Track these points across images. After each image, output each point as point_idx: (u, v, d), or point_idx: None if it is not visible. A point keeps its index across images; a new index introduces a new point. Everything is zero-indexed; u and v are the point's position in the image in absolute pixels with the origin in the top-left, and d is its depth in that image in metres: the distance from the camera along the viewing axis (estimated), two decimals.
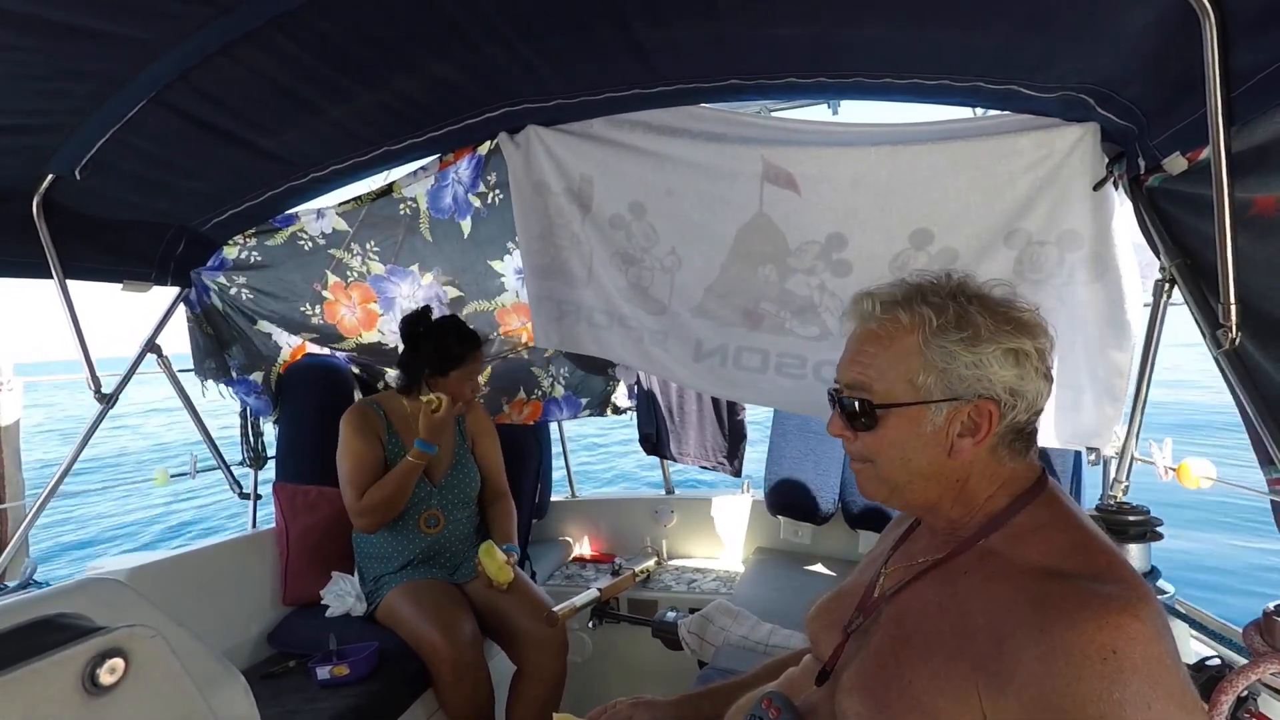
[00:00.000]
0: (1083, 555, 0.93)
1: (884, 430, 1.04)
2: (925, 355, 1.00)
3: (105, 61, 1.49)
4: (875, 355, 1.05)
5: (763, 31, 1.67)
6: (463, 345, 2.62)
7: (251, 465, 3.14)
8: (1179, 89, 1.42)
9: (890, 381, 1.03)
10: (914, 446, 1.02)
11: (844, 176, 2.10)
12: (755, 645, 2.34)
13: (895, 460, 1.04)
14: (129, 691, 0.85)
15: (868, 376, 1.05)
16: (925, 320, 1.01)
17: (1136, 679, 0.78)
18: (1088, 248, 1.97)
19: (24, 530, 2.40)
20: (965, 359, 0.98)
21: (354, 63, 1.73)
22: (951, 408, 1.00)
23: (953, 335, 0.99)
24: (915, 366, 1.01)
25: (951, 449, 1.01)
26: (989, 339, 0.99)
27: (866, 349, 1.06)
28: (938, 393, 1.00)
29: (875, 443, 1.05)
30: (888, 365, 1.03)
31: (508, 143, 2.34)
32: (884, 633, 1.05)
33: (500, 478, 2.89)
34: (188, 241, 2.54)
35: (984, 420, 1.00)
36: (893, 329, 1.04)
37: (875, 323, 1.06)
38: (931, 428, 1.01)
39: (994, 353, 0.98)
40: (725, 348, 2.43)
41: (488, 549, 2.52)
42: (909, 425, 1.02)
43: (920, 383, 1.00)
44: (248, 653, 2.53)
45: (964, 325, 0.99)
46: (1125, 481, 1.88)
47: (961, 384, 0.99)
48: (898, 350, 1.03)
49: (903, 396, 1.02)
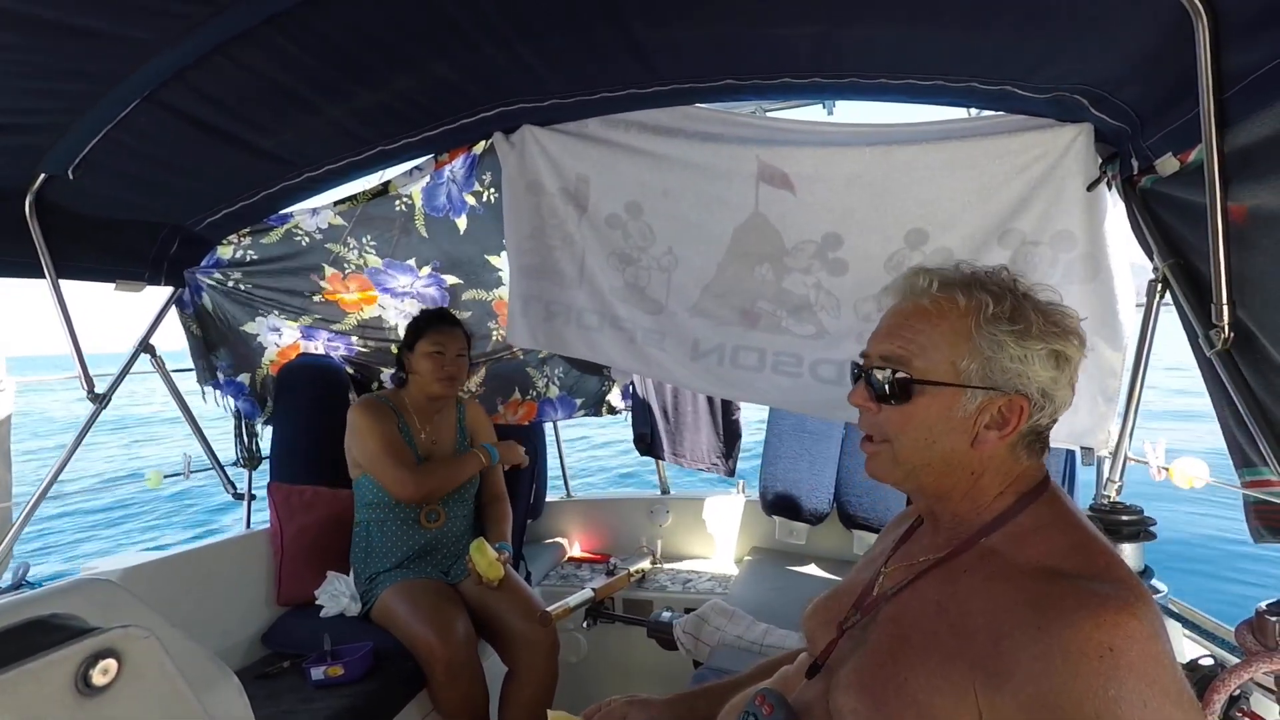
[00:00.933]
0: (1082, 555, 0.93)
1: (913, 407, 1.02)
2: (975, 340, 0.99)
3: (99, 60, 1.48)
4: (921, 331, 1.03)
5: (759, 32, 1.67)
6: (427, 320, 2.72)
7: (246, 465, 3.13)
8: (1172, 90, 1.42)
9: (933, 359, 1.01)
10: (941, 429, 1.01)
11: (839, 176, 2.11)
12: (750, 645, 2.34)
13: (918, 441, 1.02)
14: (122, 692, 0.85)
15: (909, 351, 1.02)
16: (982, 305, 1.00)
17: (1133, 677, 0.79)
18: (1081, 248, 1.98)
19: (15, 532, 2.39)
20: (1012, 351, 0.98)
21: (349, 62, 1.72)
22: (986, 397, 0.99)
23: (1005, 326, 0.98)
24: (962, 350, 0.99)
25: (976, 439, 1.01)
26: (1038, 336, 0.98)
27: (913, 323, 1.04)
28: (977, 380, 0.99)
29: (901, 419, 1.03)
30: (932, 343, 1.01)
31: (502, 142, 2.34)
32: (882, 631, 1.05)
33: (497, 477, 2.92)
34: (182, 241, 2.53)
35: (1014, 416, 1.00)
36: (947, 308, 1.02)
37: (928, 299, 1.04)
38: (962, 414, 1.00)
39: (1040, 351, 0.98)
40: (722, 347, 2.44)
41: (479, 546, 2.53)
42: (941, 407, 1.01)
43: (963, 367, 0.99)
44: (242, 653, 2.52)
45: (1017, 319, 0.99)
46: (1119, 481, 1.88)
47: (1003, 375, 0.98)
48: (946, 329, 1.01)
49: (942, 376, 1.00)
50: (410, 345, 2.71)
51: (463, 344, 2.73)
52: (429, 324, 2.71)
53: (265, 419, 3.16)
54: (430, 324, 2.71)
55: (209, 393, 3.00)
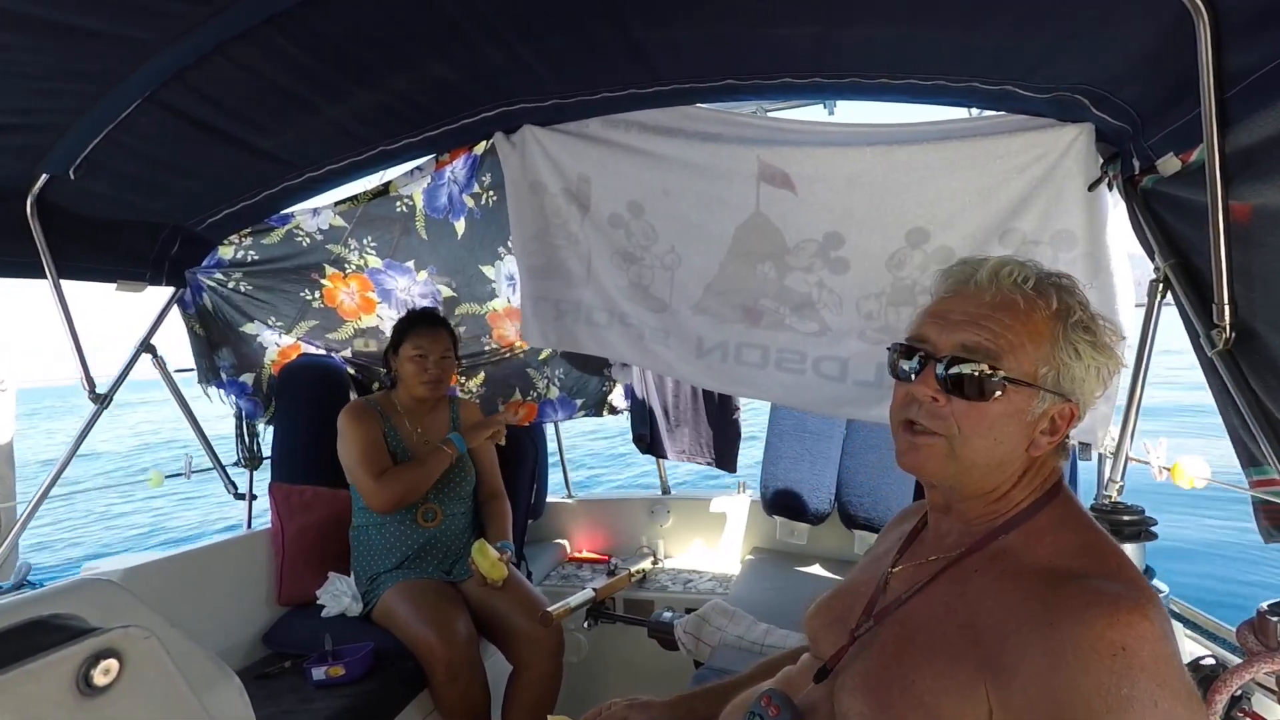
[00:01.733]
0: (1093, 556, 0.93)
1: (992, 405, 0.96)
2: (1060, 344, 0.96)
3: (100, 60, 1.48)
4: (1010, 327, 0.97)
5: (759, 32, 1.67)
6: (410, 321, 2.70)
7: (247, 465, 3.13)
8: (1173, 90, 1.42)
9: (1021, 359, 0.96)
10: (1010, 430, 0.97)
11: (840, 176, 2.11)
12: (751, 645, 2.34)
13: (985, 439, 0.98)
14: (123, 692, 0.85)
15: (999, 346, 0.96)
16: (1070, 310, 0.98)
17: (1145, 677, 0.79)
18: (1081, 248, 1.98)
19: (17, 531, 2.39)
20: (1086, 362, 0.97)
21: (350, 62, 1.73)
22: (1054, 403, 0.98)
23: (1085, 335, 0.98)
24: (1046, 352, 0.96)
25: (1032, 444, 0.99)
26: (1102, 349, 0.99)
27: (1000, 316, 0.98)
28: (1051, 384, 0.97)
29: (975, 416, 0.97)
30: (1021, 340, 0.96)
31: (503, 143, 2.34)
32: (888, 633, 1.04)
33: (494, 475, 2.90)
34: (183, 241, 2.53)
35: (1064, 422, 0.99)
36: (1039, 306, 0.98)
37: (1019, 293, 0.98)
38: (1030, 417, 0.97)
39: (1103, 364, 0.99)
40: (726, 344, 2.44)
41: (480, 547, 2.52)
42: (1017, 408, 0.97)
43: (1043, 370, 0.96)
44: (243, 653, 2.52)
45: (1092, 330, 0.98)
46: (1120, 481, 1.88)
47: (1072, 383, 0.98)
48: (1034, 329, 0.97)
49: (1025, 377, 0.96)
50: (395, 348, 2.70)
51: (446, 345, 2.70)
52: (411, 325, 2.68)
53: (268, 419, 3.16)
54: (413, 325, 2.68)
55: (212, 392, 3.00)
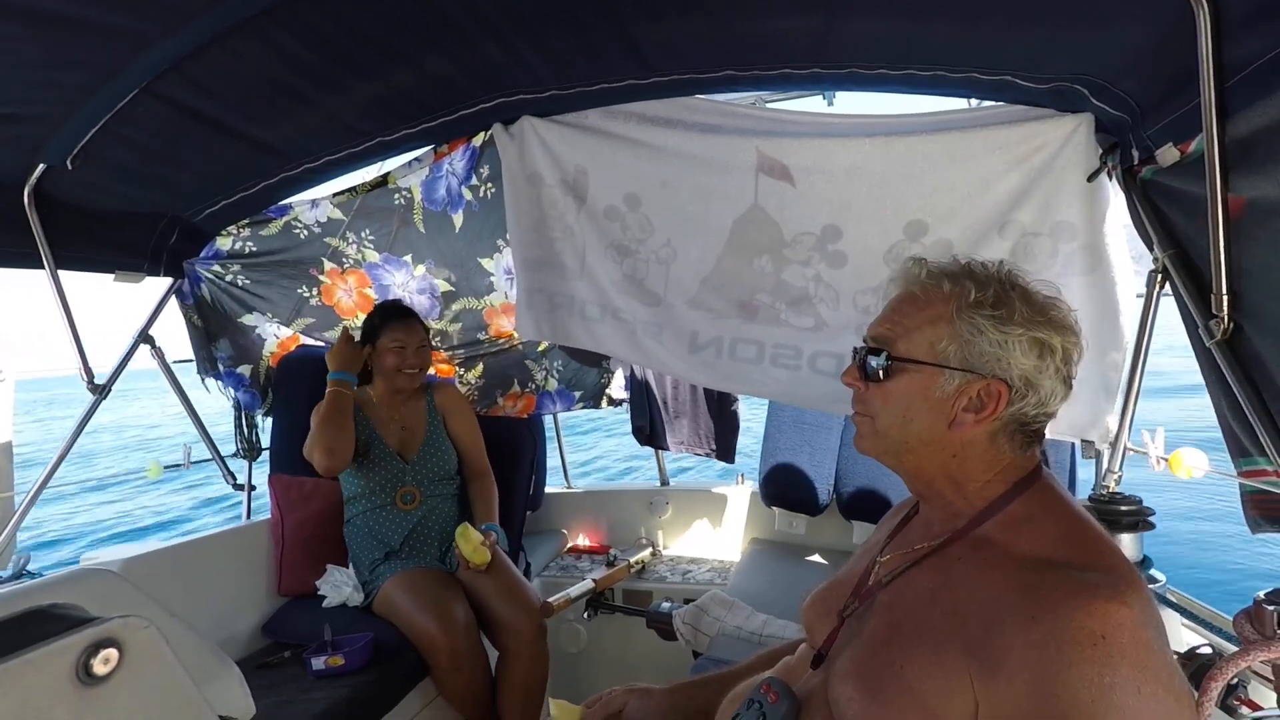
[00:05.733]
0: (1072, 545, 0.94)
1: (893, 385, 1.07)
2: (955, 324, 1.02)
3: (97, 51, 1.48)
4: (907, 315, 1.08)
5: (758, 23, 1.67)
6: (383, 315, 2.72)
7: (246, 456, 3.14)
8: (1173, 80, 1.42)
9: (913, 341, 1.05)
10: (918, 408, 1.05)
11: (839, 168, 2.11)
12: (749, 636, 2.35)
13: (896, 417, 1.07)
14: (123, 682, 0.85)
15: (894, 333, 1.08)
16: (965, 292, 1.03)
17: (1126, 664, 0.80)
18: (1081, 239, 1.97)
19: (15, 521, 2.40)
20: (991, 336, 1.00)
21: (348, 53, 1.72)
22: (964, 380, 1.02)
23: (986, 312, 1.01)
24: (941, 333, 1.03)
25: (953, 421, 1.03)
26: (1020, 324, 1.00)
27: (902, 308, 1.10)
28: (955, 362, 1.02)
29: (882, 396, 1.08)
30: (915, 326, 1.06)
31: (502, 134, 2.33)
32: (877, 620, 1.06)
33: (477, 454, 2.90)
34: (181, 232, 2.53)
35: (991, 401, 1.01)
36: (932, 295, 1.06)
37: (918, 286, 1.09)
38: (940, 394, 1.03)
39: (1020, 337, 1.00)
40: (720, 339, 2.43)
41: (463, 531, 2.52)
42: (919, 386, 1.05)
43: (941, 349, 1.03)
44: (243, 643, 2.53)
45: (999, 305, 1.01)
46: (1118, 472, 1.89)
47: (980, 359, 1.01)
48: (929, 314, 1.05)
49: (920, 357, 1.05)
50: (370, 341, 2.70)
51: (422, 335, 2.74)
52: (385, 320, 2.70)
53: (265, 410, 3.16)
54: (387, 320, 2.70)
55: (210, 383, 3.00)
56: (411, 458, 2.72)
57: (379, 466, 2.67)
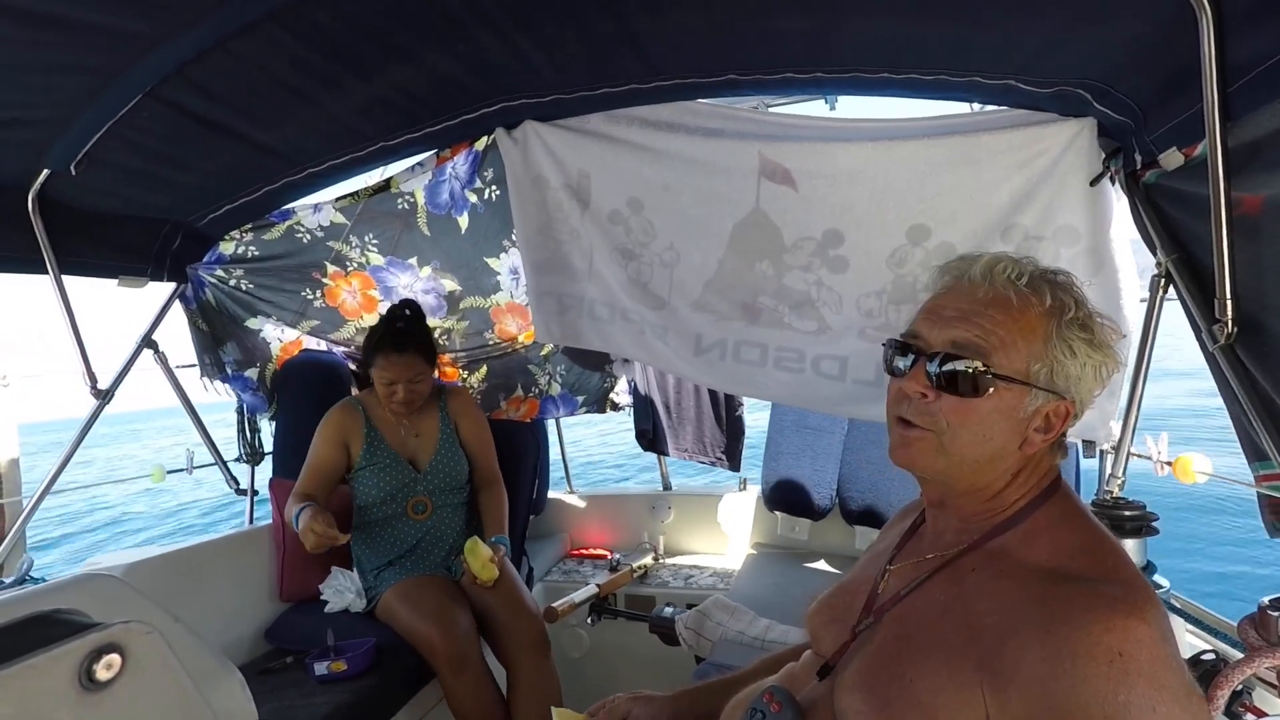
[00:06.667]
0: (1090, 556, 0.92)
1: (981, 401, 0.96)
2: (1053, 341, 0.96)
3: (101, 55, 1.48)
4: (1002, 324, 0.97)
5: (760, 26, 1.67)
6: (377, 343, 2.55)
7: (248, 461, 3.13)
8: (1176, 84, 1.42)
9: (1011, 356, 0.96)
10: (1001, 427, 0.97)
11: (840, 172, 2.11)
12: (752, 641, 2.34)
13: (975, 435, 0.98)
14: (125, 687, 0.85)
15: (989, 342, 0.96)
16: (1065, 307, 0.97)
17: (1143, 682, 0.78)
18: (1084, 243, 1.97)
19: (20, 525, 2.40)
20: (1081, 360, 0.96)
21: (351, 58, 1.72)
22: (1046, 400, 0.97)
23: (1080, 333, 0.97)
24: (1039, 349, 0.96)
25: (1025, 441, 0.99)
26: (1099, 347, 0.98)
27: (992, 313, 0.97)
28: (1044, 382, 0.96)
29: (963, 412, 0.97)
30: (1012, 337, 0.96)
31: (505, 138, 2.33)
32: (886, 631, 1.04)
33: (489, 462, 2.83)
34: (184, 237, 2.53)
35: (1059, 420, 0.98)
36: (1033, 302, 0.97)
37: (1012, 290, 0.97)
38: (1022, 414, 0.97)
39: (1100, 363, 0.98)
40: (724, 342, 2.44)
41: (472, 546, 2.47)
42: (1007, 405, 0.96)
43: (1035, 368, 0.96)
44: (245, 648, 2.53)
45: (1088, 327, 0.98)
46: (1121, 477, 1.88)
47: (1066, 381, 0.96)
48: (1027, 326, 0.97)
49: (1017, 374, 0.96)
50: (368, 359, 2.59)
51: (416, 368, 2.56)
52: (379, 348, 2.54)
53: (271, 414, 3.15)
54: (380, 349, 2.54)
55: (218, 385, 2.97)
56: (424, 467, 2.67)
57: (390, 475, 2.61)
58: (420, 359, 2.58)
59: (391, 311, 2.68)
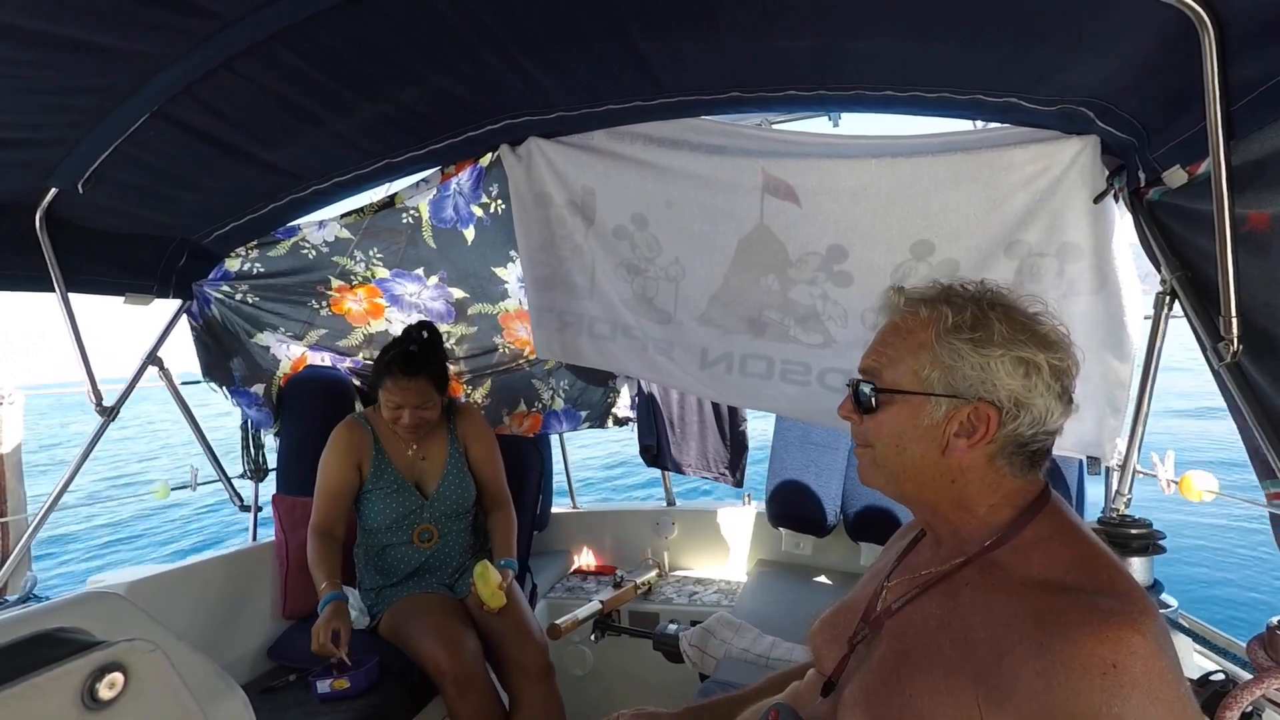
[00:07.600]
0: (1084, 569, 0.93)
1: (884, 415, 1.07)
2: (935, 350, 1.02)
3: (108, 75, 1.49)
4: (891, 345, 1.09)
5: (764, 44, 1.68)
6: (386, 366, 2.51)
7: (252, 477, 3.13)
8: (1179, 102, 1.42)
9: (898, 371, 1.06)
10: (910, 436, 1.04)
11: (844, 188, 2.11)
12: (756, 658, 2.33)
13: (891, 447, 1.07)
14: (128, 706, 0.85)
15: (879, 364, 1.09)
16: (942, 317, 1.03)
17: (1137, 694, 0.78)
18: (1088, 260, 1.98)
19: (25, 543, 2.40)
20: (972, 360, 1.00)
21: (356, 75, 1.74)
22: (951, 405, 1.01)
23: (965, 335, 1.01)
24: (924, 360, 1.03)
25: (946, 447, 1.02)
26: (1000, 344, 0.99)
27: (886, 338, 1.11)
28: (939, 388, 1.02)
29: (875, 426, 1.09)
30: (899, 355, 1.06)
31: (509, 154, 2.35)
32: (886, 647, 1.05)
33: (499, 485, 2.78)
34: (190, 254, 2.54)
35: (982, 424, 1.00)
36: (912, 323, 1.07)
37: (899, 315, 1.10)
38: (929, 421, 1.03)
39: (1002, 358, 0.99)
40: (730, 355, 2.45)
41: (482, 571, 2.44)
42: (908, 415, 1.05)
43: (925, 376, 1.03)
44: (247, 666, 2.52)
45: (978, 327, 1.01)
46: (1127, 495, 1.87)
47: (964, 384, 1.00)
48: (911, 343, 1.06)
49: (906, 386, 1.05)
50: (376, 382, 2.56)
51: (423, 395, 2.51)
52: (387, 371, 2.49)
53: (276, 430, 3.15)
54: (389, 370, 2.49)
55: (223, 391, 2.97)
56: (430, 492, 2.61)
57: (395, 501, 2.55)
58: (430, 385, 2.54)
59: (407, 332, 2.63)
